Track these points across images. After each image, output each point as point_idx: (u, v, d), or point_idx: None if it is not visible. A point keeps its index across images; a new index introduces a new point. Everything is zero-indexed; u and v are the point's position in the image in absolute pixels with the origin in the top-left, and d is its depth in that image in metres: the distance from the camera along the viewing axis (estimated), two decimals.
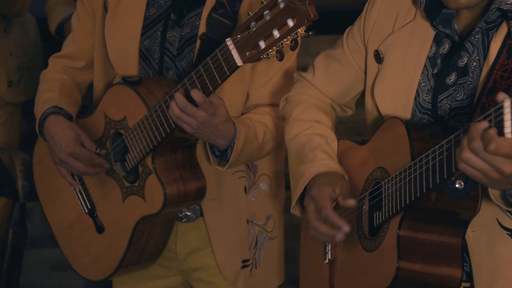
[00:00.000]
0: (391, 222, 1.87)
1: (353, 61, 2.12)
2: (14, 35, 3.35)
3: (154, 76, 2.36)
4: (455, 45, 1.91)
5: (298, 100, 2.18)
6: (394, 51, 2.00)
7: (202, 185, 2.33)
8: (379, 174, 1.95)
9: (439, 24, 1.92)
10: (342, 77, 2.15)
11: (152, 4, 2.37)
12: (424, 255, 1.83)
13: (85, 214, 2.48)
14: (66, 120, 2.39)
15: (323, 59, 2.18)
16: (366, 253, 1.95)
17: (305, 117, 2.15)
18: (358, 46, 2.10)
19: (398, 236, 1.83)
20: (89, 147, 2.37)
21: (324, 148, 2.08)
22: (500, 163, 1.58)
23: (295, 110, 2.16)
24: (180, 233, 2.43)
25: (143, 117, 2.26)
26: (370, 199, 1.96)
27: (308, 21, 1.92)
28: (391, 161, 1.90)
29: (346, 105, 2.20)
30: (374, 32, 2.05)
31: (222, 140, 2.21)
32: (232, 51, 2.05)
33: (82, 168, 2.36)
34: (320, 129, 2.13)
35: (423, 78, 1.95)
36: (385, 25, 2.03)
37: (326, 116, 2.16)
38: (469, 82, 1.88)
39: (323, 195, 1.97)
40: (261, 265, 2.47)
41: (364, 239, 1.97)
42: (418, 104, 1.95)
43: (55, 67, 2.51)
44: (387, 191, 1.88)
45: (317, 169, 2.03)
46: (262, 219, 2.47)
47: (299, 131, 2.14)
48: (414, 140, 1.84)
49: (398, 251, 1.82)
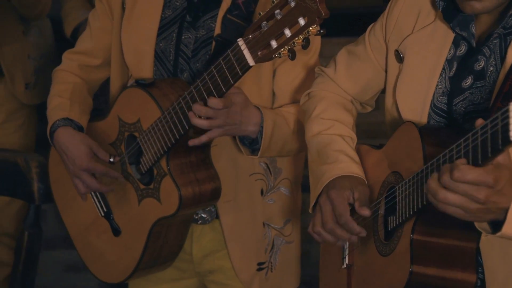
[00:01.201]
0: (405, 226, 1.86)
1: (374, 59, 2.10)
2: (32, 37, 3.37)
3: (168, 78, 2.36)
4: (472, 49, 1.89)
5: (320, 96, 2.18)
6: (414, 52, 1.99)
7: (217, 186, 2.33)
8: (393, 179, 1.94)
9: (457, 26, 1.90)
10: (363, 75, 2.14)
11: (168, 6, 2.37)
12: (438, 260, 1.81)
13: (101, 217, 2.48)
14: (77, 132, 2.39)
15: (345, 55, 2.17)
16: (381, 257, 1.94)
17: (327, 116, 2.14)
18: (379, 43, 2.09)
19: (411, 240, 1.82)
20: (103, 157, 2.37)
21: (347, 152, 2.07)
22: (472, 190, 1.61)
23: (317, 107, 2.16)
24: (196, 235, 2.42)
25: (156, 120, 2.26)
26: (386, 203, 1.95)
27: (319, 19, 1.91)
28: (405, 166, 1.89)
29: (366, 102, 2.20)
30: (396, 31, 2.04)
31: (251, 126, 2.21)
32: (244, 51, 2.05)
33: (95, 184, 2.38)
34: (341, 129, 2.12)
35: (441, 80, 1.93)
36: (405, 25, 2.02)
37: (348, 114, 2.16)
38: (485, 86, 1.86)
39: (342, 200, 1.97)
40: (277, 269, 2.46)
41: (379, 243, 1.96)
42: (433, 105, 1.94)
43: (69, 65, 2.51)
44: (401, 195, 1.87)
45: (337, 172, 2.03)
46: (279, 222, 2.46)
47: (321, 129, 2.13)
48: (428, 145, 1.83)
49: (411, 256, 1.81)
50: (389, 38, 2.06)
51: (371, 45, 2.11)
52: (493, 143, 1.56)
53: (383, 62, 2.09)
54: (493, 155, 1.58)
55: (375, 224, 1.98)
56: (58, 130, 2.39)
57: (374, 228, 1.98)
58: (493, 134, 1.56)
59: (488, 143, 1.58)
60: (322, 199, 2.02)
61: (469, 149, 1.63)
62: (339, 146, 2.08)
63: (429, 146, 1.83)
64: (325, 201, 2.01)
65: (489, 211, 1.65)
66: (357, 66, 2.14)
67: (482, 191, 1.61)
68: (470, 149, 1.62)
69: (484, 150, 1.59)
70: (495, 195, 1.62)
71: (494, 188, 1.61)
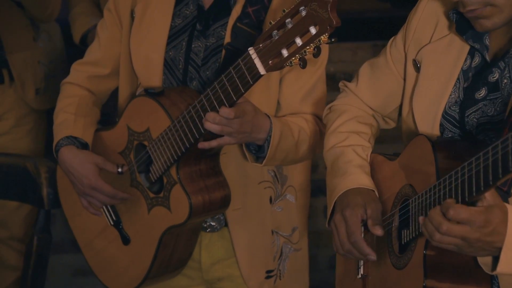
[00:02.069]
0: (418, 240, 1.86)
1: (396, 70, 2.10)
2: (42, 43, 3.38)
3: (177, 86, 2.35)
4: (486, 60, 1.89)
5: (341, 110, 2.18)
6: (430, 61, 1.99)
7: (226, 194, 2.32)
8: (407, 191, 1.94)
9: (470, 38, 1.90)
10: (384, 87, 2.13)
11: (178, 15, 2.36)
12: (452, 274, 1.81)
13: (111, 226, 2.47)
14: (80, 151, 2.39)
15: (367, 68, 2.17)
16: (395, 270, 1.94)
17: (344, 129, 2.14)
18: (400, 55, 2.08)
19: (425, 256, 1.82)
20: (110, 169, 2.38)
21: (356, 162, 2.07)
22: (467, 232, 1.67)
23: (336, 121, 2.16)
24: (204, 243, 2.42)
25: (166, 128, 2.26)
26: (400, 216, 1.95)
27: (330, 27, 1.91)
28: (419, 179, 1.89)
29: (388, 116, 2.18)
30: (414, 40, 2.04)
31: (261, 133, 2.21)
32: (255, 60, 2.04)
33: (107, 200, 2.38)
34: (354, 140, 2.12)
35: (455, 90, 1.93)
36: (423, 35, 2.02)
37: (365, 127, 2.15)
38: (500, 98, 1.86)
39: (356, 219, 1.98)
40: (285, 277, 2.45)
41: (393, 256, 1.96)
42: (445, 113, 1.94)
43: (77, 77, 2.51)
44: (414, 209, 1.87)
45: (348, 185, 2.03)
46: (287, 230, 2.45)
47: (335, 142, 2.13)
48: (440, 158, 1.83)
49: (424, 271, 1.81)
50: (408, 47, 2.05)
51: (392, 57, 2.10)
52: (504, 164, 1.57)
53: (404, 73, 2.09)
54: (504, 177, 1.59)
55: (389, 237, 1.97)
56: (61, 150, 2.40)
57: (388, 240, 1.98)
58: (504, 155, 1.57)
59: (499, 164, 1.59)
60: (337, 218, 2.02)
61: (480, 169, 1.64)
62: (349, 157, 2.08)
63: (441, 160, 1.83)
64: (340, 221, 2.01)
65: (483, 249, 1.70)
66: (378, 79, 2.14)
67: (475, 233, 1.66)
68: (481, 169, 1.64)
69: (495, 171, 1.60)
70: (488, 236, 1.67)
71: (485, 228, 1.66)
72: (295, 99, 2.32)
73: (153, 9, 2.38)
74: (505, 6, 1.79)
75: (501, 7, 1.80)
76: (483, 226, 1.66)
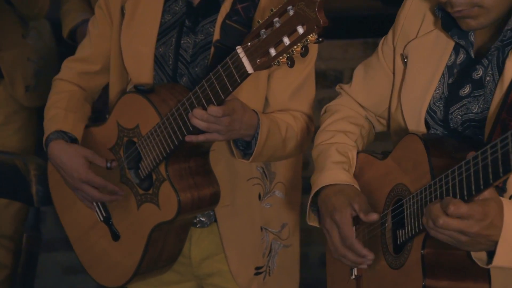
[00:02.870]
0: (415, 240, 1.86)
1: (388, 68, 2.11)
2: (31, 40, 3.38)
3: (167, 83, 2.36)
4: (470, 57, 1.90)
5: (333, 110, 2.20)
6: (416, 56, 2.00)
7: (216, 191, 2.33)
8: (400, 191, 1.93)
9: (455, 35, 1.91)
10: (377, 85, 2.14)
11: (167, 11, 2.37)
12: (450, 273, 1.81)
13: (101, 222, 2.48)
14: (70, 145, 2.39)
15: (360, 69, 2.19)
16: (391, 270, 1.94)
17: (332, 128, 2.16)
18: (391, 51, 2.10)
19: (422, 255, 1.82)
20: (100, 163, 2.38)
21: (335, 159, 2.08)
22: (466, 226, 1.68)
23: (327, 120, 2.18)
24: (194, 239, 2.43)
25: (155, 125, 2.27)
26: (393, 216, 1.95)
27: (317, 27, 1.92)
28: (412, 178, 1.89)
29: (382, 115, 2.18)
30: (402, 35, 2.05)
31: (249, 130, 2.22)
32: (243, 59, 2.05)
33: (97, 194, 2.38)
34: (340, 139, 2.13)
35: (439, 85, 1.94)
36: (411, 29, 2.03)
37: (355, 127, 2.16)
38: (483, 95, 1.87)
39: (347, 221, 1.98)
40: (275, 273, 2.46)
41: (389, 256, 1.96)
42: (429, 108, 1.95)
43: (68, 74, 2.52)
44: (409, 209, 1.87)
45: (323, 181, 2.04)
46: (277, 227, 2.46)
47: (322, 140, 2.15)
48: (433, 156, 1.83)
49: (423, 270, 1.81)
50: (396, 42, 2.07)
51: (384, 54, 2.11)
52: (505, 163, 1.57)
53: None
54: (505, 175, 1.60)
55: (382, 237, 1.98)
56: (51, 144, 2.40)
57: (382, 240, 1.98)
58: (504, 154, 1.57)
59: (499, 163, 1.59)
60: (328, 223, 2.02)
61: (479, 168, 1.64)
62: (329, 154, 2.09)
63: (435, 158, 1.83)
64: (331, 225, 2.01)
65: (479, 243, 1.71)
66: (371, 78, 2.15)
67: (476, 226, 1.67)
68: (480, 168, 1.64)
69: (496, 170, 1.60)
70: (486, 229, 1.68)
71: (483, 222, 1.67)
72: (283, 96, 2.32)
73: (143, 6, 2.38)
74: (492, 7, 1.81)
75: (488, 8, 1.81)
76: (481, 219, 1.67)
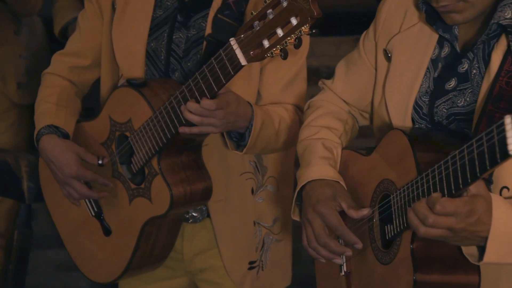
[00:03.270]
0: (404, 235, 1.86)
1: (369, 62, 2.11)
2: (23, 37, 3.37)
3: (159, 78, 2.35)
4: (455, 51, 1.91)
5: (317, 106, 2.19)
6: (401, 51, 2.00)
7: (208, 186, 2.33)
8: (387, 186, 1.93)
9: (440, 28, 1.92)
10: (359, 80, 2.14)
11: (159, 6, 2.37)
12: (440, 266, 1.81)
13: (92, 217, 2.47)
14: (62, 140, 2.38)
15: (342, 64, 2.19)
16: (381, 265, 1.94)
17: (316, 123, 2.15)
18: (372, 45, 2.10)
19: (412, 250, 1.81)
20: (91, 160, 2.37)
21: (321, 154, 2.07)
22: (453, 223, 1.68)
23: (311, 115, 2.18)
24: (186, 234, 2.42)
25: (148, 119, 2.26)
26: (381, 212, 1.95)
27: (311, 19, 1.91)
28: (397, 173, 1.89)
29: (365, 110, 2.18)
30: (384, 30, 2.06)
31: (243, 122, 2.21)
32: (236, 51, 2.05)
33: (87, 192, 2.37)
34: (325, 134, 2.13)
35: (425, 79, 1.95)
36: (393, 24, 2.04)
37: (338, 122, 2.16)
38: (470, 88, 1.88)
39: (333, 211, 1.97)
40: (268, 267, 2.46)
41: (378, 251, 1.95)
42: (415, 103, 1.95)
43: (58, 68, 2.50)
44: (396, 204, 1.87)
45: (310, 176, 2.03)
46: (269, 221, 2.46)
47: (307, 135, 2.14)
48: (418, 151, 1.83)
49: (413, 265, 1.80)
50: (378, 37, 2.07)
51: (365, 49, 2.12)
52: (491, 156, 1.57)
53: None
54: (492, 168, 1.59)
55: (371, 232, 1.97)
56: (43, 138, 2.39)
57: (371, 236, 1.97)
58: (490, 147, 1.57)
59: (486, 156, 1.58)
60: (310, 213, 2.01)
61: (466, 161, 1.64)
62: (315, 149, 2.09)
63: (420, 153, 1.83)
64: (314, 216, 2.00)
65: (467, 239, 1.71)
66: (353, 73, 2.15)
67: (461, 223, 1.68)
68: (467, 161, 1.64)
69: (482, 163, 1.60)
70: (472, 226, 1.68)
71: (470, 218, 1.67)
72: (275, 89, 2.32)
73: (135, 0, 2.37)
74: (477, 2, 1.82)
75: (473, 3, 1.82)
76: (468, 216, 1.67)
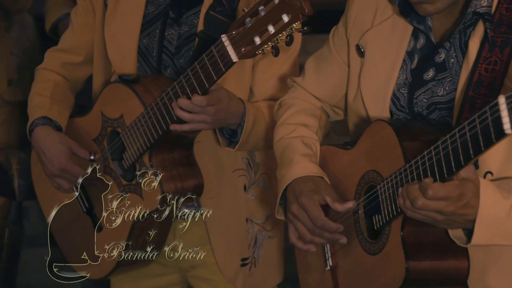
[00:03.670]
0: (393, 224, 1.86)
1: (340, 59, 2.12)
2: (14, 34, 3.37)
3: (151, 74, 2.36)
4: (431, 42, 1.91)
5: (290, 104, 2.19)
6: (375, 45, 2.01)
7: (199, 183, 2.33)
8: (372, 178, 1.94)
9: (414, 20, 1.93)
10: (330, 76, 2.15)
11: (151, 2, 2.37)
12: (431, 252, 1.83)
13: (83, 213, 2.47)
14: (56, 132, 2.39)
15: (312, 61, 2.19)
16: (370, 256, 1.94)
17: (292, 121, 2.15)
18: (343, 42, 2.10)
19: (402, 237, 1.82)
20: (83, 155, 2.37)
21: (302, 151, 2.08)
22: (443, 206, 1.70)
23: (285, 114, 2.17)
24: (178, 231, 2.42)
25: (139, 115, 2.26)
26: (366, 204, 1.95)
27: (303, 16, 1.92)
28: (383, 163, 1.90)
29: (337, 105, 2.18)
30: (355, 26, 2.06)
31: (235, 118, 2.22)
32: (228, 47, 2.05)
33: (68, 186, 2.37)
34: (302, 132, 2.13)
35: (402, 72, 1.96)
36: (364, 20, 2.04)
37: (313, 119, 2.16)
38: (448, 77, 1.89)
39: (314, 203, 1.98)
40: (260, 264, 2.46)
41: (365, 242, 1.96)
42: (393, 96, 1.96)
43: (52, 63, 2.51)
44: (384, 194, 1.87)
45: (296, 173, 2.03)
46: (261, 218, 2.46)
47: (284, 134, 2.14)
48: (404, 140, 1.85)
49: (405, 252, 1.82)
50: (350, 33, 2.07)
51: (335, 46, 2.12)
52: (485, 137, 1.58)
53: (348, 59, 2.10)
54: (486, 149, 1.60)
55: (357, 224, 1.98)
56: (37, 128, 2.39)
57: (357, 228, 1.98)
58: (483, 128, 1.58)
59: (479, 137, 1.60)
60: (294, 208, 2.01)
61: (458, 145, 1.65)
62: (295, 147, 2.09)
63: (406, 142, 1.84)
64: (298, 209, 2.00)
65: (455, 221, 1.74)
66: (323, 69, 2.15)
67: (451, 206, 1.70)
68: (459, 144, 1.65)
69: (477, 144, 1.61)
70: (461, 209, 1.71)
71: (459, 202, 1.70)
72: (267, 86, 2.33)
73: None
74: None
75: None
76: (458, 199, 1.70)
